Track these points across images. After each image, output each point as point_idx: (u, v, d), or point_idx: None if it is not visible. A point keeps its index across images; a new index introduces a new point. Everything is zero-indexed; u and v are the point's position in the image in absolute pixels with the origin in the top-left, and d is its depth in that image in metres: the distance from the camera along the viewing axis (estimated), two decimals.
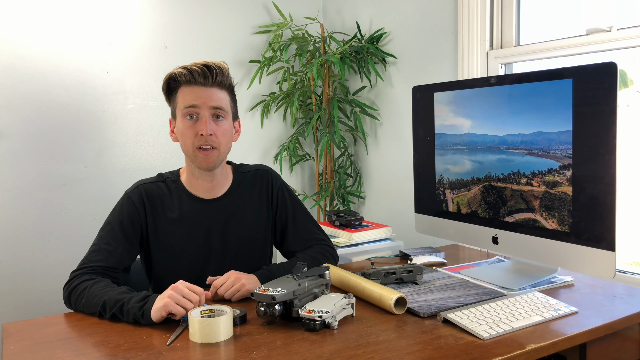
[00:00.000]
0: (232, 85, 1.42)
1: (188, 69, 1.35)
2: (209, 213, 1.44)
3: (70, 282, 1.29)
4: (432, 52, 2.25)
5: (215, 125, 1.36)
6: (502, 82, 1.41)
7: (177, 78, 1.36)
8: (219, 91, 1.38)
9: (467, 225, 1.56)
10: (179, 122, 1.38)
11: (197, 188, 1.44)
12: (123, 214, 1.39)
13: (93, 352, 1.05)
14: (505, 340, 1.05)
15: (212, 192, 1.45)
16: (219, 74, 1.37)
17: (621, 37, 1.62)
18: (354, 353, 1.01)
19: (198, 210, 1.43)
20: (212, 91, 1.36)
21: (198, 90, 1.35)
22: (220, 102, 1.37)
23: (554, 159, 1.30)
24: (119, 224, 1.38)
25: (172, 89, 1.40)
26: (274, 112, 2.78)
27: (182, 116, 1.37)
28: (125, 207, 1.40)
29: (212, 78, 1.36)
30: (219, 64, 1.38)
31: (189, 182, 1.45)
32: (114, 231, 1.37)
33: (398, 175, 2.48)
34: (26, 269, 2.21)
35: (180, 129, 1.38)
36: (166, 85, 1.40)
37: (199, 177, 1.43)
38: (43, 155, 2.23)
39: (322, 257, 1.51)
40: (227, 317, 1.09)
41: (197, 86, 1.36)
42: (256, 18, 2.70)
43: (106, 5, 2.32)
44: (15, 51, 2.15)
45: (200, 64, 1.36)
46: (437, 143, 1.63)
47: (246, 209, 1.49)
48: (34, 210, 2.22)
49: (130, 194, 1.42)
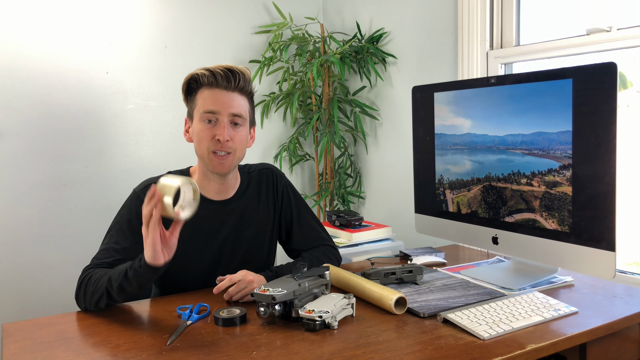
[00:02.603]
0: (252, 92, 1.41)
1: (211, 71, 1.34)
2: (219, 214, 1.44)
3: (81, 277, 1.30)
4: (432, 52, 2.25)
5: (232, 132, 1.35)
6: (502, 82, 1.41)
7: (200, 79, 1.35)
8: (239, 97, 1.37)
9: (467, 226, 1.56)
10: (195, 123, 1.37)
11: (208, 189, 1.43)
12: (131, 213, 1.38)
13: (93, 352, 1.05)
14: (505, 341, 1.05)
15: (223, 194, 1.45)
16: (241, 79, 1.36)
17: (621, 37, 1.62)
18: (354, 353, 1.01)
19: (209, 211, 1.42)
20: (233, 96, 1.35)
21: (219, 94, 1.34)
22: (240, 109, 1.36)
23: (554, 159, 1.30)
24: (127, 223, 1.37)
25: (192, 90, 1.38)
26: (274, 112, 2.78)
27: (200, 119, 1.35)
28: (134, 205, 1.38)
29: (235, 82, 1.35)
30: (242, 69, 1.37)
31: (199, 183, 1.43)
32: (122, 230, 1.36)
33: (398, 175, 2.48)
34: (26, 269, 2.21)
35: (196, 130, 1.36)
36: (186, 85, 1.38)
37: (211, 180, 1.42)
38: (43, 155, 2.23)
39: (326, 258, 1.51)
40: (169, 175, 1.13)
41: (218, 89, 1.34)
42: (256, 18, 2.70)
43: (106, 5, 2.32)
44: (15, 51, 2.15)
45: (223, 67, 1.34)
46: (437, 143, 1.63)
47: (254, 209, 1.49)
48: (34, 210, 2.22)
49: (139, 192, 1.40)
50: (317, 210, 2.74)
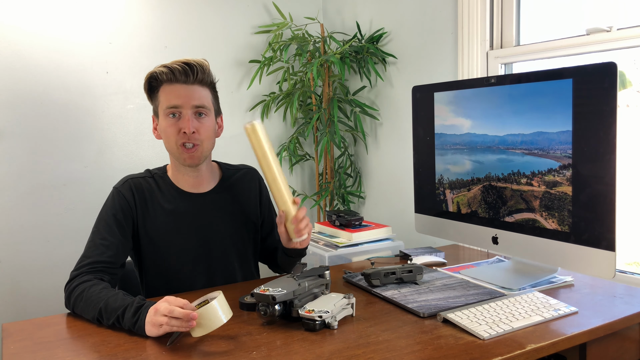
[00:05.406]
0: (213, 82, 1.44)
1: (169, 67, 1.36)
2: (197, 207, 1.46)
3: (70, 283, 1.28)
4: (432, 52, 2.25)
5: (197, 123, 1.38)
6: (502, 82, 1.41)
7: (159, 77, 1.37)
8: (200, 89, 1.39)
9: (467, 225, 1.56)
10: (161, 120, 1.40)
11: (183, 183, 1.46)
12: (115, 207, 1.39)
13: (93, 352, 1.05)
14: (505, 340, 1.05)
15: (200, 187, 1.47)
16: (199, 71, 1.38)
17: (621, 37, 1.62)
18: (354, 353, 1.01)
19: (187, 204, 1.45)
20: (194, 89, 1.38)
21: (180, 88, 1.37)
22: (202, 100, 1.39)
23: (554, 159, 1.30)
24: (112, 217, 1.38)
25: (153, 88, 1.41)
26: (274, 112, 2.78)
27: (164, 115, 1.38)
28: (117, 200, 1.40)
29: (194, 76, 1.37)
30: (199, 62, 1.39)
31: (175, 177, 1.47)
32: (109, 225, 1.37)
33: (398, 175, 2.48)
34: (26, 269, 2.21)
35: (163, 127, 1.39)
36: (147, 84, 1.41)
37: (185, 173, 1.45)
38: (43, 155, 2.23)
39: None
40: (221, 298, 1.09)
41: (178, 84, 1.37)
42: (256, 18, 2.70)
43: (106, 5, 2.32)
44: (15, 51, 2.15)
45: (181, 61, 1.37)
46: (437, 143, 1.63)
47: (236, 204, 1.51)
48: (34, 210, 2.22)
49: (120, 188, 1.43)
50: (317, 210, 2.74)
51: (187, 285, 1.44)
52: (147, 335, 1.10)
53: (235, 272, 1.51)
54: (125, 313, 1.14)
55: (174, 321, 1.06)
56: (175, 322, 1.06)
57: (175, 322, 1.06)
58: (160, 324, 1.07)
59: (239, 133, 2.67)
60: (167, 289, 1.43)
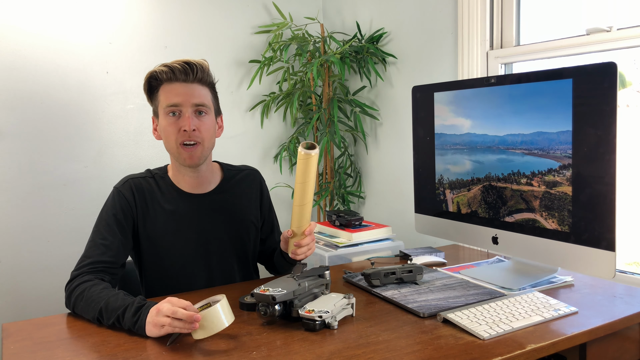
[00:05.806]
0: (212, 81, 1.44)
1: (169, 66, 1.36)
2: (198, 207, 1.46)
3: (70, 283, 1.28)
4: (432, 52, 2.25)
5: (198, 122, 1.38)
6: (502, 82, 1.41)
7: (159, 76, 1.37)
8: (200, 87, 1.39)
9: (467, 225, 1.56)
10: (161, 120, 1.40)
11: (184, 184, 1.46)
12: (116, 207, 1.39)
13: (93, 352, 1.05)
14: (505, 340, 1.05)
15: (200, 188, 1.47)
16: (199, 70, 1.38)
17: (621, 37, 1.62)
18: (354, 353, 1.01)
19: (187, 205, 1.45)
20: (194, 87, 1.38)
21: (179, 87, 1.37)
22: (202, 99, 1.39)
23: (554, 159, 1.30)
24: (112, 217, 1.38)
25: (153, 87, 1.41)
26: (274, 112, 2.78)
27: (164, 114, 1.38)
28: (117, 200, 1.40)
29: (193, 75, 1.37)
30: (199, 62, 1.40)
31: (175, 178, 1.47)
32: (109, 225, 1.37)
33: (398, 175, 2.48)
34: (26, 269, 2.21)
35: (163, 126, 1.39)
36: (147, 84, 1.40)
37: (185, 174, 1.45)
38: (43, 155, 2.23)
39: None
40: (224, 301, 1.09)
41: (178, 83, 1.37)
42: (256, 18, 2.70)
43: (106, 5, 2.32)
44: (15, 51, 2.15)
45: (181, 61, 1.37)
46: (437, 143, 1.63)
47: (237, 205, 1.51)
48: (34, 210, 2.22)
49: (120, 188, 1.43)
50: (317, 210, 2.74)
51: (186, 286, 1.44)
52: (147, 335, 1.10)
53: (234, 272, 1.51)
54: (126, 313, 1.14)
55: (176, 322, 1.06)
56: (178, 324, 1.06)
57: (177, 323, 1.06)
58: (162, 325, 1.07)
59: (239, 133, 2.67)
60: (167, 289, 1.43)
